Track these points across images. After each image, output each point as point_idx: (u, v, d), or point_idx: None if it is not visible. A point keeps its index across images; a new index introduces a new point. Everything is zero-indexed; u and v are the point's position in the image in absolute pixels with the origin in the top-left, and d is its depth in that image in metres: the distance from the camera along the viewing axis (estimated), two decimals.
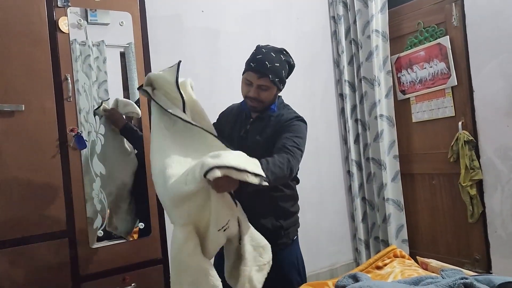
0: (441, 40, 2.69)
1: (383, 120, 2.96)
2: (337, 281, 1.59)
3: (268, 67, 1.60)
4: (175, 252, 1.42)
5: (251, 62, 1.63)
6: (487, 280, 1.33)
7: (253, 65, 1.62)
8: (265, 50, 1.64)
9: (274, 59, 1.62)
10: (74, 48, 1.99)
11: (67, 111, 1.81)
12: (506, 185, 2.44)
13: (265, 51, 1.64)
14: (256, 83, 1.63)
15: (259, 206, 1.65)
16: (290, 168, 1.52)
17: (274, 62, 1.62)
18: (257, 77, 1.62)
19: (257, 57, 1.62)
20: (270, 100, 1.71)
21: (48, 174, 1.76)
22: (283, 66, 1.66)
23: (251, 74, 1.63)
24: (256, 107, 1.69)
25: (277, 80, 1.64)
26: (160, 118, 1.60)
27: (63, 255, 1.78)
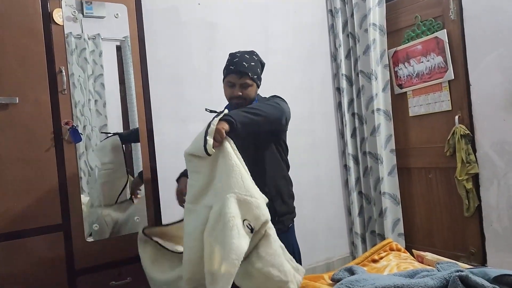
0: (438, 33, 2.68)
1: (380, 114, 2.96)
2: (333, 274, 1.59)
3: (246, 66, 1.78)
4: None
5: (230, 66, 1.80)
6: (482, 272, 1.33)
7: (233, 67, 1.79)
8: (239, 54, 1.82)
9: (249, 60, 1.81)
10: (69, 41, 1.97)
11: (62, 104, 1.79)
12: (502, 179, 2.44)
13: (240, 55, 1.81)
14: (239, 82, 1.79)
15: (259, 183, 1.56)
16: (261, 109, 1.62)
17: (250, 62, 1.80)
18: (238, 77, 1.78)
19: (234, 60, 1.80)
20: (253, 96, 1.85)
21: (42, 168, 1.74)
22: (257, 65, 1.85)
23: (233, 76, 1.79)
24: (242, 104, 1.79)
25: (255, 77, 1.82)
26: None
27: (58, 249, 1.76)
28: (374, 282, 1.33)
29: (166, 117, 2.58)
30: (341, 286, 1.37)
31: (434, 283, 1.30)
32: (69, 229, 1.79)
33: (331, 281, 1.57)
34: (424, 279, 1.33)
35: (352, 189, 3.20)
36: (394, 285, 1.28)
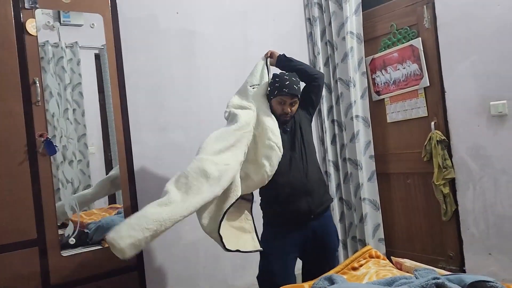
0: (413, 41, 2.74)
1: (359, 120, 2.99)
2: (313, 284, 1.59)
3: (296, 89, 2.07)
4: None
5: (284, 88, 2.04)
6: (458, 279, 1.35)
7: (287, 90, 2.04)
8: (287, 77, 2.07)
9: (296, 82, 2.08)
10: (46, 49, 1.94)
11: (36, 116, 1.76)
12: (477, 183, 2.49)
13: (289, 77, 2.07)
14: (289, 101, 2.08)
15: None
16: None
17: (297, 84, 2.09)
18: (290, 98, 2.07)
19: (286, 83, 2.05)
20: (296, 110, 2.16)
21: (16, 181, 1.70)
22: (300, 85, 2.13)
23: (287, 97, 2.06)
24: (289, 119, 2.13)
25: (299, 96, 2.13)
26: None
27: (33, 264, 1.73)
28: None
29: (145, 126, 2.56)
30: None
31: None
32: (44, 244, 1.75)
33: None
34: (402, 287, 1.34)
35: (333, 196, 3.22)
36: None
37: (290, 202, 2.02)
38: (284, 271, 2.04)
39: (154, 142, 2.57)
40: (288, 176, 2.02)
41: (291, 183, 2.02)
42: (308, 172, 2.07)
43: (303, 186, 2.03)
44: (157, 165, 2.53)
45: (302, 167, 2.06)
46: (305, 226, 2.05)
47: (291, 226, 2.05)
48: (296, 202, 2.02)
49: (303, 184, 2.03)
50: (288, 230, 2.05)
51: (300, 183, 2.02)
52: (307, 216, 2.04)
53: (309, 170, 2.08)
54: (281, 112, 2.08)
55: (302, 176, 2.04)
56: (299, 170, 2.05)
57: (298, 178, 2.03)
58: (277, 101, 2.08)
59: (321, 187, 2.14)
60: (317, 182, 2.10)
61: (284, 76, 2.08)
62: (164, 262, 2.58)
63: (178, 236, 2.65)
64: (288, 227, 2.05)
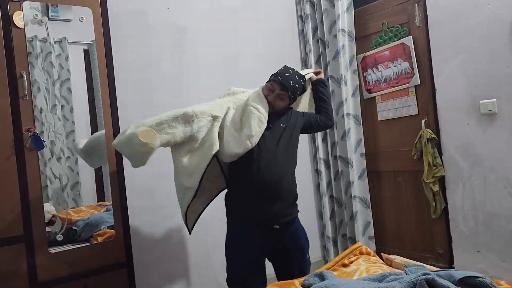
0: (404, 40, 2.75)
1: (350, 118, 3.00)
2: (304, 280, 1.59)
3: (291, 84, 1.98)
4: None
5: (279, 76, 1.99)
6: (448, 275, 1.36)
7: (281, 78, 1.98)
8: (292, 71, 2.03)
9: (296, 81, 2.01)
10: (34, 45, 1.91)
11: (23, 110, 1.73)
12: (467, 181, 2.51)
13: (292, 72, 2.02)
14: (277, 92, 2.00)
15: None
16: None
17: (296, 83, 2.00)
18: (279, 88, 1.99)
19: (285, 74, 2.00)
20: (280, 108, 2.05)
21: (2, 176, 1.67)
22: (300, 88, 2.05)
23: (277, 85, 1.99)
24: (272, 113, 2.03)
25: (292, 96, 2.04)
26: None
27: (20, 261, 1.70)
28: (344, 287, 1.34)
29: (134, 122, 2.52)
30: None
31: (401, 287, 1.32)
32: (31, 240, 1.72)
33: (302, 287, 1.57)
34: (392, 283, 1.34)
35: (324, 193, 3.23)
36: None
37: (258, 206, 1.92)
38: (252, 273, 1.97)
39: None
40: (262, 177, 1.91)
41: (263, 185, 1.91)
42: (283, 178, 1.96)
43: (275, 192, 1.93)
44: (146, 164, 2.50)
45: (277, 171, 1.95)
46: (271, 231, 1.96)
47: (257, 230, 1.94)
48: (263, 206, 1.92)
49: (275, 190, 1.93)
50: (253, 233, 1.94)
51: (272, 188, 1.92)
52: (272, 224, 1.94)
53: (285, 177, 1.98)
54: (266, 96, 2.01)
55: (277, 181, 1.93)
56: (274, 173, 1.93)
57: (272, 182, 1.92)
58: (268, 86, 2.03)
59: (291, 198, 2.04)
60: (289, 191, 2.01)
61: (288, 68, 2.05)
62: (154, 259, 2.55)
63: (168, 234, 2.63)
64: (254, 230, 1.94)
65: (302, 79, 2.05)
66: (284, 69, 2.04)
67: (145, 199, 2.42)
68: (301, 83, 2.04)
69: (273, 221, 1.94)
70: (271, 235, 1.96)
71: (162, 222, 2.61)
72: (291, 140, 2.07)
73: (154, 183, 2.53)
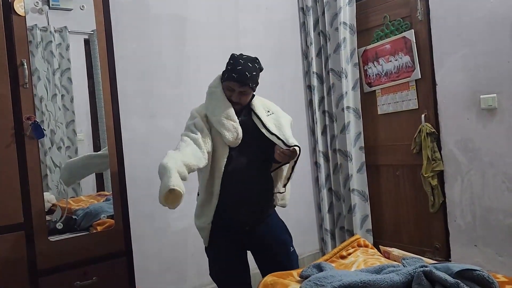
0: (406, 33, 2.74)
1: (350, 112, 3.00)
2: (302, 271, 1.60)
3: (248, 77, 1.83)
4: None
5: (233, 73, 1.84)
6: (445, 267, 1.37)
7: (236, 76, 1.83)
8: (242, 62, 1.85)
9: (251, 69, 1.85)
10: (34, 33, 1.90)
11: (23, 98, 1.72)
12: (465, 176, 2.52)
13: (243, 63, 1.85)
14: (238, 90, 1.86)
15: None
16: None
17: (252, 71, 1.85)
18: (239, 85, 1.85)
19: (237, 68, 1.83)
20: (248, 101, 1.95)
21: (2, 164, 1.67)
22: (257, 73, 1.90)
23: (234, 84, 1.85)
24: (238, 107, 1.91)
25: (254, 86, 1.90)
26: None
27: (19, 249, 1.70)
28: (342, 278, 1.35)
29: (134, 112, 2.53)
30: (309, 283, 1.38)
31: (399, 279, 1.33)
32: (31, 229, 1.72)
33: (300, 278, 1.58)
34: (389, 275, 1.35)
35: (322, 186, 3.24)
36: (360, 281, 1.30)
37: (227, 209, 1.88)
38: (232, 268, 1.96)
39: (144, 129, 2.54)
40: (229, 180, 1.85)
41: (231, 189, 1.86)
42: (253, 181, 1.90)
43: (245, 196, 1.88)
44: (146, 153, 2.51)
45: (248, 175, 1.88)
46: (245, 231, 1.93)
47: (229, 230, 1.93)
48: (232, 211, 1.89)
49: (245, 194, 1.88)
50: (227, 232, 1.93)
51: (240, 193, 1.87)
52: (243, 227, 1.93)
53: (256, 179, 1.92)
54: (229, 98, 1.88)
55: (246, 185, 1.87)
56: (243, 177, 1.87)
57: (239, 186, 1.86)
58: (226, 86, 1.88)
59: (264, 200, 1.97)
60: (261, 194, 1.95)
61: (237, 58, 1.87)
62: (153, 249, 2.57)
63: (167, 223, 2.64)
64: (227, 229, 1.93)
65: (255, 63, 1.88)
66: (235, 62, 1.86)
67: (145, 189, 2.43)
68: (256, 67, 1.88)
69: (243, 225, 1.92)
70: (245, 234, 1.95)
71: (161, 212, 2.62)
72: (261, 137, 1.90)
73: (154, 173, 2.52)
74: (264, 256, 2.01)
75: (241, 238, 1.96)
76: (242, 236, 1.96)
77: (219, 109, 1.86)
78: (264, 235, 1.96)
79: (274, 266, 1.82)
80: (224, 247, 1.95)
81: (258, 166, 1.94)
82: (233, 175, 1.86)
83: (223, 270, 1.98)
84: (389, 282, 1.31)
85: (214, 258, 2.00)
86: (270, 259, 1.99)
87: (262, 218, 1.98)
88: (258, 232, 1.95)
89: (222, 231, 1.93)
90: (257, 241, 1.97)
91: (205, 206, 1.93)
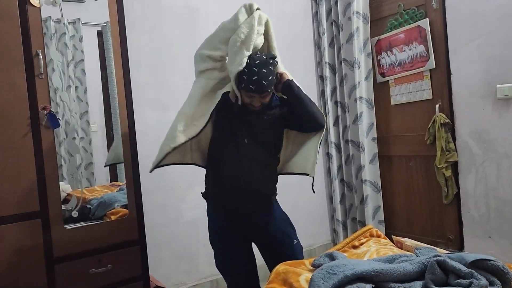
0: (420, 22, 2.70)
1: (363, 102, 2.98)
2: (314, 260, 1.60)
3: (266, 85, 1.77)
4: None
5: (250, 85, 1.76)
6: (459, 257, 1.36)
7: (253, 87, 1.76)
8: (257, 69, 1.75)
9: (267, 75, 1.77)
10: (48, 25, 1.92)
11: (39, 88, 1.75)
12: (480, 167, 2.49)
13: (258, 70, 1.75)
14: (258, 97, 1.82)
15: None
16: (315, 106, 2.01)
17: (268, 76, 1.77)
18: (258, 95, 1.80)
19: (253, 79, 1.75)
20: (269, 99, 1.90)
21: (19, 153, 1.70)
22: (273, 74, 1.82)
23: (254, 94, 1.80)
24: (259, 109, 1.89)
25: (272, 87, 1.85)
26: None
27: (36, 237, 1.74)
28: (354, 267, 1.35)
29: (147, 104, 2.55)
30: (321, 272, 1.38)
31: (412, 268, 1.33)
32: (47, 217, 1.76)
33: (312, 267, 1.59)
34: (402, 264, 1.35)
35: (334, 177, 3.23)
36: (373, 270, 1.30)
37: (230, 197, 1.90)
38: (237, 258, 1.96)
39: (156, 121, 2.56)
40: (233, 171, 1.86)
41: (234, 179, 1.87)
42: (255, 172, 1.88)
43: (247, 186, 1.87)
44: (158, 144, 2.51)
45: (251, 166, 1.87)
46: (248, 222, 1.94)
47: (233, 220, 1.93)
48: (235, 199, 1.89)
49: (247, 184, 1.87)
50: (230, 222, 1.93)
51: (243, 182, 1.86)
52: (246, 216, 1.93)
53: (258, 169, 1.90)
54: (250, 103, 1.85)
55: (250, 175, 1.87)
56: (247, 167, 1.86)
57: (243, 176, 1.86)
58: (244, 94, 1.83)
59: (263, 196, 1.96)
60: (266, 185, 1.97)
61: (253, 67, 1.75)
62: (165, 238, 2.60)
63: (179, 214, 2.66)
64: (230, 220, 1.94)
65: (269, 65, 1.78)
66: (249, 71, 1.75)
67: (158, 179, 2.44)
68: (271, 70, 1.79)
69: (246, 215, 1.92)
70: (249, 224, 1.94)
71: (174, 202, 2.64)
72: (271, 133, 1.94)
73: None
74: (267, 248, 2.01)
75: (244, 228, 1.95)
76: (245, 225, 1.94)
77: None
78: (267, 227, 1.95)
79: (278, 258, 1.82)
80: (228, 237, 1.95)
81: (264, 152, 1.93)
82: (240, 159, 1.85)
83: (228, 261, 1.98)
84: (402, 272, 1.31)
85: (218, 249, 2.00)
86: (273, 251, 1.98)
87: (265, 205, 1.96)
88: (262, 223, 1.95)
89: (225, 220, 1.94)
90: (260, 233, 1.97)
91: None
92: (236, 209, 1.92)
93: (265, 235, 1.97)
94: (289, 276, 1.50)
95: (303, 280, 1.45)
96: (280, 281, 1.51)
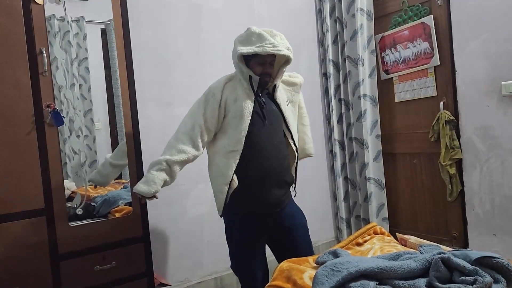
0: (425, 19, 2.68)
1: (367, 100, 2.97)
2: (318, 257, 1.60)
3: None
4: None
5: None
6: (464, 254, 1.35)
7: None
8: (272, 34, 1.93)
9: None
10: (52, 23, 1.92)
11: (43, 86, 1.75)
12: (484, 164, 2.48)
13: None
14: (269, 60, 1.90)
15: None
16: None
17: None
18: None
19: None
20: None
21: (24, 151, 1.71)
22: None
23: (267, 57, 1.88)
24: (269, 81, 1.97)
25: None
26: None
27: (41, 234, 1.74)
28: (358, 264, 1.34)
29: (151, 100, 2.55)
30: (325, 269, 1.38)
31: (416, 265, 1.32)
32: (52, 214, 1.77)
33: (316, 264, 1.59)
34: (406, 261, 1.34)
35: (338, 175, 3.22)
36: (377, 267, 1.30)
37: (260, 192, 1.86)
38: (255, 258, 1.95)
39: (160, 117, 2.56)
40: (263, 161, 1.85)
41: (265, 170, 1.85)
42: (284, 160, 1.92)
43: (277, 176, 1.88)
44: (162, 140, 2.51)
45: (278, 154, 1.90)
46: (272, 216, 1.93)
47: (257, 216, 1.90)
48: (266, 192, 1.86)
49: (277, 173, 1.88)
50: (253, 219, 1.90)
51: (274, 172, 1.87)
52: (275, 209, 1.92)
53: (286, 158, 1.94)
54: (263, 73, 1.88)
55: (278, 164, 1.88)
56: (276, 157, 1.88)
57: (273, 166, 1.86)
58: (256, 63, 1.87)
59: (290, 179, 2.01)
60: (289, 173, 1.99)
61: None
62: (170, 235, 2.60)
63: (184, 211, 2.67)
64: (254, 216, 1.90)
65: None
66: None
67: None
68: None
69: (275, 207, 1.91)
70: (273, 218, 1.93)
71: (178, 199, 2.65)
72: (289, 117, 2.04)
73: None
74: (285, 241, 1.99)
75: (267, 221, 1.93)
76: (269, 219, 1.93)
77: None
78: (288, 217, 1.97)
79: (293, 251, 1.87)
80: (248, 233, 1.92)
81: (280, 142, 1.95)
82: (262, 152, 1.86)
83: (247, 259, 1.95)
84: (406, 269, 1.30)
85: (237, 247, 1.96)
86: (291, 243, 1.99)
87: (289, 199, 2.02)
88: (283, 214, 1.96)
89: (247, 215, 1.90)
90: (281, 223, 1.96)
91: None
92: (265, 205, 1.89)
93: (286, 225, 1.97)
94: (293, 273, 1.50)
95: (307, 277, 1.45)
96: (284, 278, 1.51)
